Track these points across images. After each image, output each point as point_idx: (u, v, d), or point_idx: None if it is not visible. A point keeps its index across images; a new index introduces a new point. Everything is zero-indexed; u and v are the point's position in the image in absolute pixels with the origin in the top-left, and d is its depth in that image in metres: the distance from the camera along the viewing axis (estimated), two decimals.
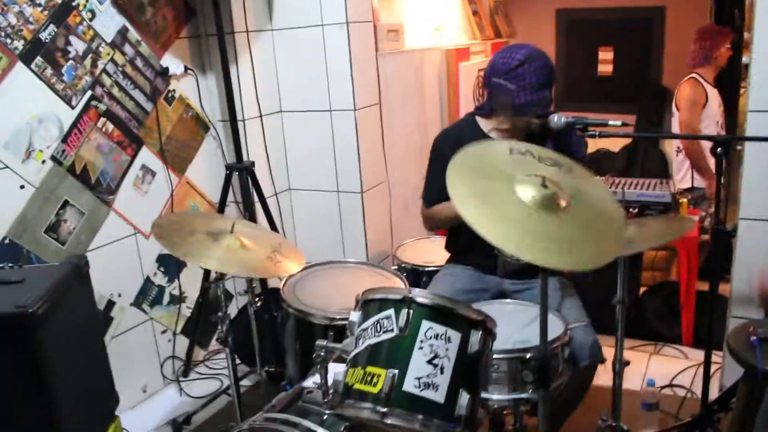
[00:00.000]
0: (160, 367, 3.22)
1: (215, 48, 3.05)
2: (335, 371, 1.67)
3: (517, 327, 2.07)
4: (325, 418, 1.76)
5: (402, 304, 1.52)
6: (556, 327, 2.01)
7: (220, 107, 3.34)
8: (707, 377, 2.41)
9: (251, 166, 3.06)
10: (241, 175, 3.03)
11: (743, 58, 4.15)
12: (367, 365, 1.51)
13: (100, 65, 2.76)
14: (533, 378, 1.65)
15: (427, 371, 1.47)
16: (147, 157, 3.02)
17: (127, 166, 2.93)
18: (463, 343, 1.51)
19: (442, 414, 1.47)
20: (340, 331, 2.25)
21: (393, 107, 3.76)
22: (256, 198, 3.14)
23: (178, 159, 3.19)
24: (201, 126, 3.31)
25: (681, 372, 3.10)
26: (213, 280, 2.15)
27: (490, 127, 2.38)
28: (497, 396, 1.88)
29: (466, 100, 4.49)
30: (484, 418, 1.64)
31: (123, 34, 2.85)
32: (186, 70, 3.17)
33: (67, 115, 2.64)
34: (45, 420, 1.77)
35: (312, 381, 1.92)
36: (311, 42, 3.31)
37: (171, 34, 3.10)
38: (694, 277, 3.49)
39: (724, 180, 2.07)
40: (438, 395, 1.47)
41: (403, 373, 1.47)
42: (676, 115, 4.07)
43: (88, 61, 2.70)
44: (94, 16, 2.71)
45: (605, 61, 5.80)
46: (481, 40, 5.01)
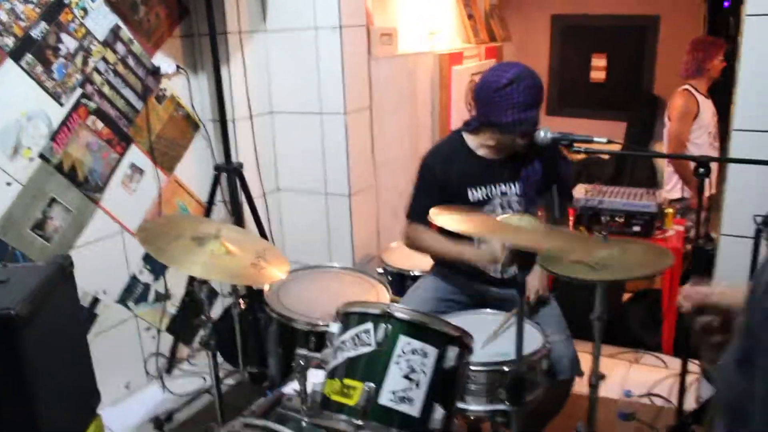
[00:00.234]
0: (143, 364, 3.23)
1: (207, 47, 3.05)
2: (315, 379, 1.70)
3: (497, 338, 2.09)
4: (303, 426, 1.79)
5: (381, 318, 1.55)
6: (535, 340, 2.04)
7: (211, 107, 3.35)
8: (683, 389, 2.45)
9: (239, 168, 3.07)
10: (229, 176, 3.04)
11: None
12: (344, 377, 1.54)
13: (92, 63, 2.76)
14: (507, 396, 1.67)
15: (403, 385, 1.50)
16: (136, 155, 3.03)
17: (115, 164, 2.93)
18: (440, 358, 1.54)
19: (417, 428, 1.50)
20: (322, 337, 2.27)
21: (384, 111, 3.78)
22: (244, 199, 3.15)
23: (167, 158, 3.20)
24: (191, 125, 3.32)
25: (660, 381, 3.14)
26: (197, 284, 2.17)
27: (477, 143, 2.39)
28: (474, 407, 1.91)
29: (458, 104, 4.51)
30: (459, 431, 1.66)
31: (115, 32, 2.85)
32: (178, 69, 3.17)
33: (56, 112, 2.64)
34: (26, 419, 1.78)
35: (292, 387, 1.95)
36: (304, 44, 3.32)
37: (164, 33, 3.10)
38: (676, 287, 3.53)
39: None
40: (413, 409, 1.50)
41: (379, 387, 1.50)
42: (667, 125, 4.10)
43: (79, 59, 2.70)
44: (86, 14, 2.71)
45: (598, 67, 5.83)
46: (476, 44, 5.02)
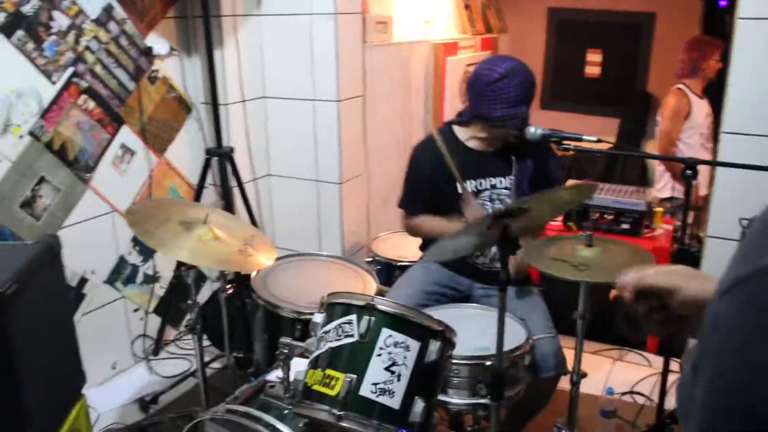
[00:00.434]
0: (130, 345, 3.23)
1: (201, 29, 3.03)
2: (298, 367, 1.71)
3: (480, 332, 2.10)
4: (285, 413, 1.80)
5: (364, 310, 1.56)
6: (518, 335, 2.06)
7: (204, 89, 3.33)
8: (664, 388, 2.47)
9: (231, 152, 3.07)
10: (220, 161, 3.03)
11: None
12: (326, 368, 1.55)
13: (84, 42, 2.74)
14: (487, 391, 1.69)
15: (385, 378, 1.51)
16: (127, 136, 3.02)
17: (106, 145, 2.92)
18: (422, 352, 1.55)
19: (397, 420, 1.51)
20: (308, 325, 2.27)
21: (377, 99, 3.77)
22: (234, 183, 3.15)
23: (158, 139, 3.19)
24: (183, 107, 3.31)
25: (642, 379, 3.17)
26: (185, 269, 2.17)
27: (468, 135, 2.39)
28: (456, 400, 1.93)
29: (452, 94, 4.50)
30: (439, 423, 1.68)
31: (108, 11, 2.83)
32: (171, 51, 3.16)
33: (47, 90, 2.63)
34: (10, 399, 1.79)
35: (275, 375, 1.96)
36: (298, 30, 3.30)
37: (157, 14, 3.08)
38: None
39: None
40: (393, 401, 1.51)
41: (360, 378, 1.51)
42: (659, 123, 4.11)
43: (71, 37, 2.68)
44: None
45: (593, 62, 5.84)
46: (472, 34, 5.01)
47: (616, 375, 3.24)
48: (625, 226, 3.53)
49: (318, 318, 1.67)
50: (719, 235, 2.59)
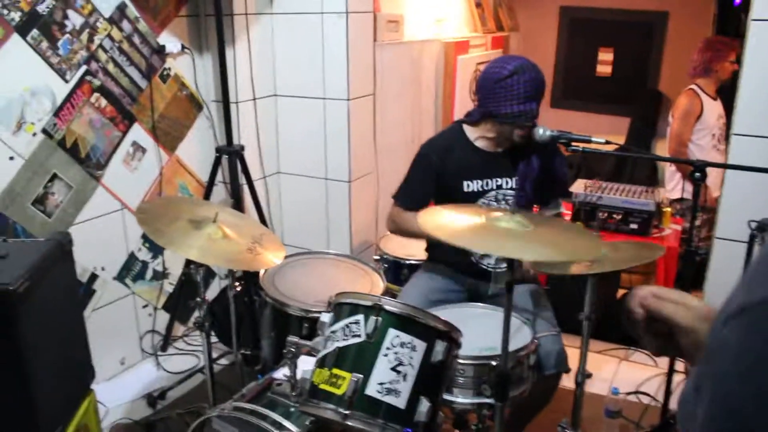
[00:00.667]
0: (139, 340, 3.27)
1: (213, 28, 3.05)
2: (305, 365, 1.72)
3: (487, 332, 2.11)
4: (292, 411, 1.82)
5: (371, 310, 1.57)
6: (524, 335, 2.07)
7: (215, 88, 3.35)
8: (669, 389, 2.47)
9: (241, 150, 3.08)
10: (230, 159, 3.05)
11: None
12: (333, 367, 1.57)
13: (97, 40, 2.77)
14: (491, 392, 1.70)
15: (391, 377, 1.53)
16: (138, 133, 3.04)
17: (118, 142, 2.95)
18: (428, 352, 1.56)
19: (402, 419, 1.53)
20: (315, 324, 2.28)
21: (388, 98, 3.78)
22: (244, 181, 3.17)
23: (169, 137, 3.21)
24: (194, 105, 3.33)
25: (648, 379, 3.17)
26: (194, 267, 2.18)
27: (477, 135, 2.40)
28: (461, 399, 1.94)
29: (463, 93, 4.51)
30: (444, 422, 1.69)
31: (122, 10, 2.85)
32: (183, 49, 3.18)
33: (60, 88, 2.65)
34: (21, 394, 1.82)
35: (282, 373, 1.98)
36: (310, 29, 3.32)
37: (170, 12, 3.10)
38: (670, 286, 3.55)
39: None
40: (399, 401, 1.52)
41: (367, 378, 1.52)
42: (671, 123, 4.09)
43: (84, 36, 2.71)
44: None
45: (605, 61, 5.81)
46: (483, 33, 5.01)
47: (622, 375, 3.24)
48: (633, 226, 3.53)
49: (325, 317, 1.69)
50: (728, 237, 2.59)
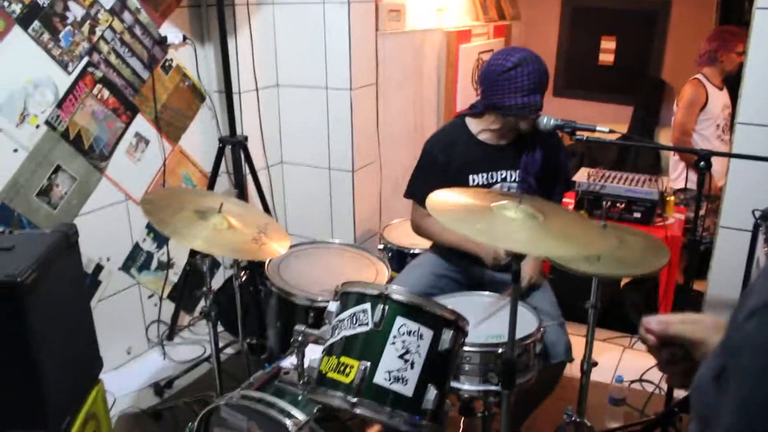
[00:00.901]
0: (145, 330, 3.28)
1: (215, 18, 3.05)
2: (312, 354, 1.73)
3: (493, 320, 2.12)
4: (299, 399, 1.83)
5: (378, 299, 1.58)
6: (530, 323, 2.07)
7: (217, 78, 3.35)
8: None
9: (244, 141, 3.09)
10: (233, 149, 3.05)
11: None
12: (341, 355, 1.58)
13: (98, 32, 2.76)
14: (498, 380, 1.71)
15: (398, 366, 1.53)
16: (141, 124, 3.04)
17: (121, 133, 2.95)
18: (435, 340, 1.57)
19: (410, 407, 1.53)
20: (321, 313, 2.30)
21: (390, 87, 3.77)
22: (247, 171, 3.17)
23: (172, 128, 3.21)
24: (197, 96, 3.33)
25: (652, 367, 3.17)
26: (199, 257, 2.19)
27: (480, 128, 2.40)
28: (467, 386, 1.95)
29: (465, 82, 4.50)
30: (450, 410, 1.70)
31: (122, 1, 2.84)
32: (184, 40, 3.17)
33: (62, 80, 2.65)
34: (30, 385, 1.83)
35: (289, 362, 1.99)
36: (312, 18, 3.31)
37: (171, 3, 3.09)
38: (673, 276, 3.56)
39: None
40: (407, 389, 1.53)
41: (374, 366, 1.53)
42: (675, 112, 4.08)
43: (86, 27, 2.70)
44: None
45: (607, 50, 5.79)
46: (485, 21, 4.99)
47: (626, 363, 3.26)
48: (637, 215, 3.53)
49: (332, 306, 1.69)
50: (732, 226, 2.59)
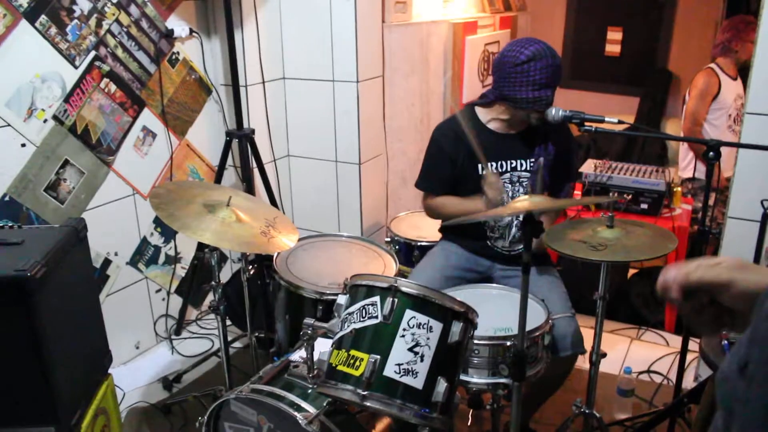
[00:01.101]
0: (153, 324, 3.29)
1: (221, 11, 3.04)
2: (321, 347, 1.74)
3: (501, 313, 2.12)
4: (309, 392, 1.83)
5: (387, 292, 1.58)
6: (538, 315, 2.07)
7: (224, 71, 3.35)
8: (682, 368, 2.48)
9: (251, 134, 3.08)
10: (240, 143, 3.05)
11: None
12: (351, 349, 1.58)
13: (105, 25, 2.76)
14: (509, 372, 1.71)
15: (408, 358, 1.54)
16: (148, 118, 3.04)
17: (128, 128, 2.95)
18: (444, 333, 1.57)
19: (420, 400, 1.54)
20: (330, 306, 2.31)
21: (396, 79, 3.76)
22: (254, 164, 3.17)
23: (179, 122, 3.21)
24: (203, 89, 3.32)
25: (660, 358, 3.18)
26: (207, 250, 2.20)
27: (490, 117, 2.39)
28: (476, 379, 1.95)
29: (471, 74, 4.48)
30: (460, 402, 1.71)
31: None
32: (191, 33, 3.17)
33: (70, 74, 2.65)
34: (40, 380, 1.83)
35: (298, 355, 1.99)
36: (318, 10, 3.30)
37: None
38: None
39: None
40: (417, 382, 1.54)
41: (384, 359, 1.53)
42: (687, 101, 4.06)
43: (93, 21, 2.70)
44: None
45: (613, 41, 5.76)
46: (491, 13, 4.97)
47: (634, 354, 3.26)
48: (644, 206, 3.52)
49: (342, 299, 1.69)
50: (740, 216, 2.58)
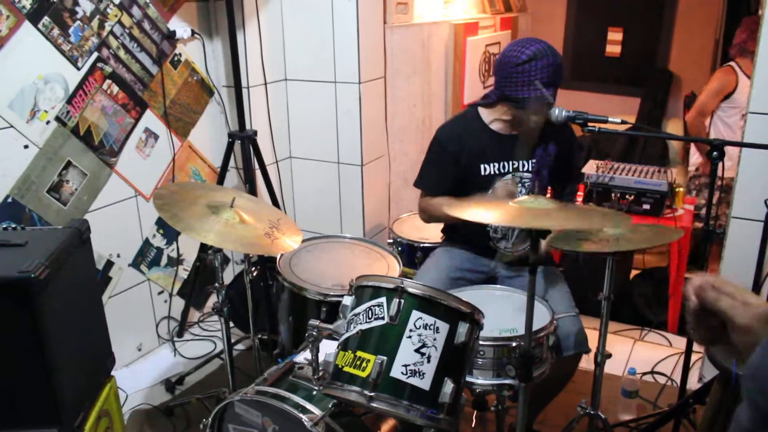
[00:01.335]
0: (155, 326, 3.28)
1: (223, 12, 3.04)
2: (326, 348, 1.73)
3: (505, 314, 2.12)
4: (314, 394, 1.83)
5: (394, 293, 1.57)
6: (543, 316, 2.07)
7: (226, 72, 3.34)
8: (687, 368, 2.47)
9: (253, 136, 3.08)
10: (243, 144, 3.04)
11: None
12: (357, 350, 1.57)
13: (108, 27, 2.76)
14: (516, 373, 1.71)
15: (415, 359, 1.53)
16: (150, 120, 3.04)
17: (130, 129, 2.95)
18: (451, 333, 1.57)
19: (427, 401, 1.53)
20: (333, 307, 2.31)
21: (398, 80, 3.76)
22: (256, 166, 3.17)
23: (181, 123, 3.21)
24: (205, 90, 3.32)
25: (663, 359, 3.18)
26: (211, 252, 2.19)
27: (492, 117, 2.39)
28: (481, 380, 1.95)
29: (472, 75, 4.48)
30: (466, 404, 1.70)
31: None
32: (193, 34, 3.16)
33: (72, 76, 2.65)
34: (43, 382, 1.83)
35: (303, 357, 1.98)
36: (320, 11, 3.29)
37: None
38: (684, 266, 3.55)
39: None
40: (423, 383, 1.53)
41: (391, 360, 1.53)
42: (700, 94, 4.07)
43: (95, 23, 2.70)
44: None
45: (614, 41, 5.76)
46: (491, 14, 4.96)
47: (637, 355, 3.25)
48: (646, 207, 3.51)
49: (347, 301, 1.69)
50: (744, 216, 2.58)
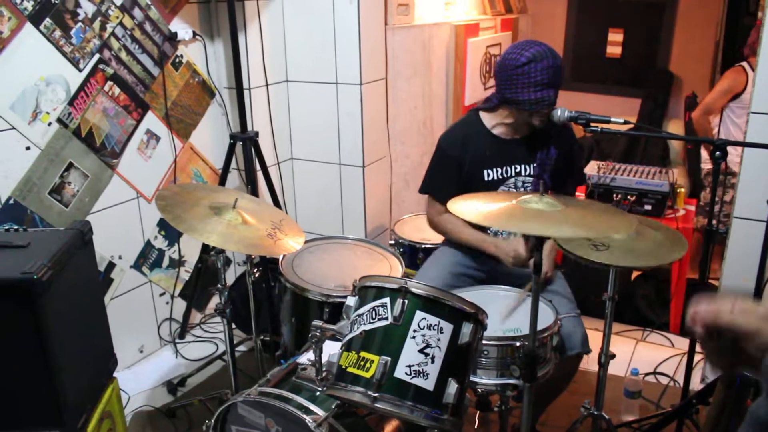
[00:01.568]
0: (157, 328, 3.28)
1: (224, 14, 3.04)
2: (329, 349, 1.73)
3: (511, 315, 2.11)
4: (317, 395, 1.82)
5: (397, 293, 1.57)
6: (546, 316, 2.07)
7: (227, 74, 3.35)
8: (689, 369, 2.46)
9: (255, 137, 3.08)
10: (244, 146, 3.04)
11: None
12: (361, 350, 1.57)
13: (109, 28, 2.76)
14: (520, 372, 1.70)
15: (419, 360, 1.53)
16: (152, 121, 3.04)
17: (132, 131, 2.95)
18: (455, 334, 1.56)
19: (431, 401, 1.53)
20: (336, 308, 2.30)
21: (399, 81, 3.76)
22: (258, 167, 3.17)
23: (182, 124, 3.21)
24: (207, 92, 3.32)
25: (666, 360, 3.17)
26: (213, 253, 2.19)
27: (494, 122, 2.39)
28: (485, 380, 1.94)
29: (473, 76, 4.48)
30: (470, 405, 1.70)
31: None
32: (194, 36, 3.16)
33: (74, 77, 2.65)
34: (45, 384, 1.82)
35: (306, 358, 1.98)
36: (321, 13, 3.29)
37: None
38: (685, 266, 3.55)
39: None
40: (428, 383, 1.53)
41: (395, 361, 1.52)
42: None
43: (97, 24, 2.70)
44: None
45: (614, 42, 5.76)
46: (492, 15, 4.97)
47: (640, 356, 3.25)
48: (647, 207, 3.51)
49: (351, 301, 1.69)
50: (746, 216, 2.58)
